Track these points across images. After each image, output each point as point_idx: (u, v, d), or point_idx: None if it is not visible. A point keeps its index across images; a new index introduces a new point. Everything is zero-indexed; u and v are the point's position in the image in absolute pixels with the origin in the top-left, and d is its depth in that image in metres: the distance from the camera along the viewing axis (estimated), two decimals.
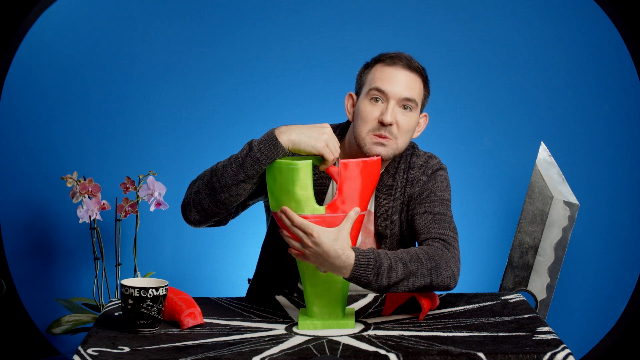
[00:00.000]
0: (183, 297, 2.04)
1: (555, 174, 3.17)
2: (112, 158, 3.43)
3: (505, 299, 2.21)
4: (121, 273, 3.22)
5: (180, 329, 1.99)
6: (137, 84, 3.44)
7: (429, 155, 2.33)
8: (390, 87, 2.17)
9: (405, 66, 2.19)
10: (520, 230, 3.17)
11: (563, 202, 3.15)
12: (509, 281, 3.19)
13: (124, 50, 3.43)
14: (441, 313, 2.10)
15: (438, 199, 2.24)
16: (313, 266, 1.98)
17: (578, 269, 3.53)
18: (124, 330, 1.97)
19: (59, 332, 3.07)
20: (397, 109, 2.18)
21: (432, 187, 2.26)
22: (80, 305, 3.21)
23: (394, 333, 1.94)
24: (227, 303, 2.21)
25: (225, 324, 2.04)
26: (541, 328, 1.96)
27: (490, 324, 2.00)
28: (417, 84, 2.21)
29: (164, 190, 3.11)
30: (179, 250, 3.47)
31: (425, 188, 2.26)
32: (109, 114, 3.43)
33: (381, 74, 2.19)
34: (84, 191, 3.05)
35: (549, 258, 3.16)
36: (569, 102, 3.53)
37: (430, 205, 2.22)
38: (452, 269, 2.06)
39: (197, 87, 3.47)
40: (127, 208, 3.13)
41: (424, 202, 2.24)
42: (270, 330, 1.98)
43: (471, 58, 3.52)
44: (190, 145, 3.47)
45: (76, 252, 3.42)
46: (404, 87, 2.18)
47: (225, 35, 3.47)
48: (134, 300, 1.93)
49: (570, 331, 3.46)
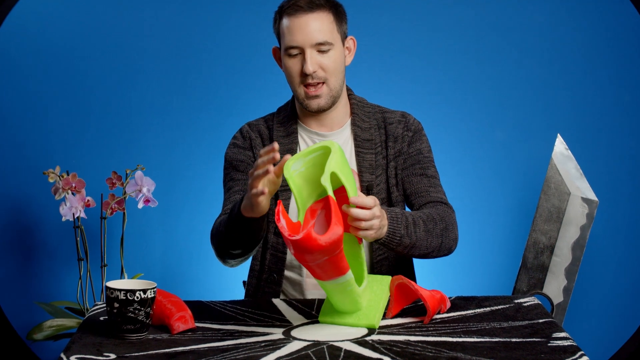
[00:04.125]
0: (173, 300, 2.05)
1: (573, 169, 3.17)
2: (97, 151, 3.43)
3: (518, 302, 2.21)
4: (107, 275, 3.23)
5: (170, 334, 1.99)
6: (125, 72, 3.44)
7: (401, 112, 2.46)
8: (300, 38, 2.29)
9: (307, 10, 2.29)
10: (535, 229, 3.18)
11: (581, 198, 3.15)
12: (523, 283, 3.19)
13: (110, 36, 3.43)
14: (450, 317, 2.10)
15: (428, 159, 2.42)
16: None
17: (597, 271, 3.53)
18: (110, 336, 1.97)
19: (41, 338, 3.07)
20: (315, 55, 2.30)
21: (421, 147, 2.42)
22: (63, 310, 3.21)
23: (399, 338, 1.94)
24: (221, 306, 2.21)
25: (219, 328, 2.04)
26: (557, 334, 1.96)
27: (502, 329, 2.00)
28: (326, 20, 2.30)
29: (153, 186, 3.11)
30: (168, 251, 3.48)
31: (414, 148, 2.41)
32: (94, 103, 3.43)
33: (287, 27, 2.30)
34: (67, 187, 3.05)
35: (566, 259, 3.17)
36: (587, 92, 3.53)
37: (423, 167, 2.40)
38: (455, 232, 2.30)
39: (190, 74, 3.47)
40: (114, 205, 3.13)
41: (417, 163, 2.41)
42: (267, 335, 1.98)
43: (482, 45, 3.52)
44: (182, 138, 3.47)
45: (59, 253, 3.42)
46: (314, 32, 2.29)
47: (220, 18, 3.47)
48: (121, 304, 1.93)
49: (588, 337, 3.46)
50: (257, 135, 2.42)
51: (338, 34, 2.33)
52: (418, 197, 2.37)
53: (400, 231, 2.12)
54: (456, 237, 2.30)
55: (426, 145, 2.44)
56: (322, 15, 2.30)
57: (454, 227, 2.29)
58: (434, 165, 2.43)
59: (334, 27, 2.32)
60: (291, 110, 2.43)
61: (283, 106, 2.48)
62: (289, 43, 2.30)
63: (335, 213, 1.88)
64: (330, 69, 2.31)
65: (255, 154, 2.40)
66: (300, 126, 2.42)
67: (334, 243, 1.85)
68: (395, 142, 2.41)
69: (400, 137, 2.41)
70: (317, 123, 2.41)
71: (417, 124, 2.44)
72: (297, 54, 2.30)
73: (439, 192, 2.38)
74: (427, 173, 2.40)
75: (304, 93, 2.33)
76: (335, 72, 2.32)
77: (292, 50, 2.30)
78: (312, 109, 2.34)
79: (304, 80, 2.31)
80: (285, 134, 2.41)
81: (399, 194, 2.41)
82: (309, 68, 2.28)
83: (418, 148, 2.41)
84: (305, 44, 2.28)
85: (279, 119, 2.44)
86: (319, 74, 2.30)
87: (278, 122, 2.43)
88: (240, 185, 2.37)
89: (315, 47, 2.29)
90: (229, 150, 2.43)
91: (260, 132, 2.43)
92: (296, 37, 2.29)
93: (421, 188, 2.37)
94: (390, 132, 2.41)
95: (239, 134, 2.44)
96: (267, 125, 2.44)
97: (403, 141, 2.41)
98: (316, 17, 2.29)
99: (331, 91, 2.33)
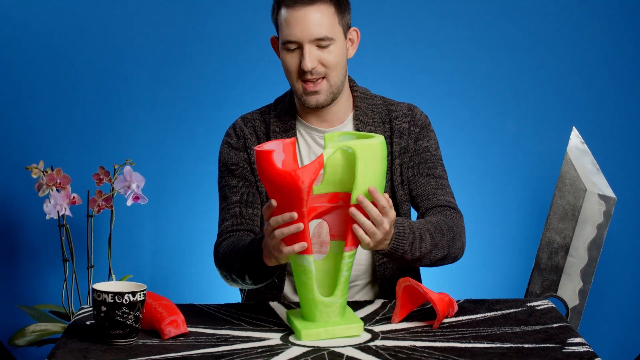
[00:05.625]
0: (164, 303, 2.05)
1: (589, 164, 3.17)
2: (83, 145, 3.43)
3: (531, 305, 2.21)
4: (94, 276, 3.23)
5: (161, 340, 2.00)
6: (112, 60, 3.44)
7: (407, 105, 2.44)
8: (298, 32, 2.26)
9: (307, 2, 2.26)
10: (548, 228, 3.18)
11: (598, 195, 3.15)
12: (536, 286, 3.19)
13: (96, 24, 3.43)
14: (459, 321, 2.10)
15: (436, 157, 2.41)
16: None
17: (615, 272, 3.53)
18: (97, 342, 1.97)
19: (23, 343, 3.08)
20: (314, 50, 2.27)
21: (428, 145, 2.40)
22: (47, 313, 3.21)
23: (404, 344, 1.94)
24: (215, 310, 2.21)
25: (213, 333, 2.04)
26: (573, 339, 1.96)
27: (514, 334, 2.00)
28: (327, 13, 2.28)
29: (142, 182, 3.11)
30: (159, 251, 3.48)
31: (421, 145, 2.40)
32: (80, 94, 3.43)
33: (285, 20, 2.28)
34: (51, 183, 3.05)
35: (582, 259, 3.17)
36: (604, 81, 3.53)
37: (430, 167, 2.39)
38: (462, 239, 2.30)
39: (181, 63, 3.47)
40: (101, 202, 3.13)
41: (424, 162, 2.39)
42: (264, 340, 1.98)
43: (493, 32, 3.52)
44: (174, 131, 3.47)
45: (42, 253, 3.42)
46: (313, 26, 2.26)
47: (213, 4, 3.46)
48: (108, 307, 1.93)
49: (605, 343, 3.46)
50: (252, 132, 2.40)
51: (340, 26, 2.31)
52: (425, 200, 2.36)
53: (404, 247, 2.12)
54: (463, 245, 2.30)
55: (434, 142, 2.42)
56: (322, 7, 2.27)
57: (461, 236, 2.29)
58: (442, 164, 2.42)
59: (335, 19, 2.29)
60: (289, 103, 2.42)
61: (281, 97, 2.46)
62: (286, 37, 2.28)
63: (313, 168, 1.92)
64: (330, 64, 2.28)
65: (250, 155, 2.38)
66: (299, 121, 2.40)
67: (290, 176, 1.91)
68: (401, 138, 2.39)
69: (406, 132, 2.40)
70: (317, 118, 2.39)
71: (424, 118, 2.43)
72: (295, 48, 2.28)
73: (447, 194, 2.37)
74: (434, 173, 2.38)
75: (302, 89, 2.31)
76: (336, 67, 2.30)
77: (290, 44, 2.28)
78: (311, 106, 2.32)
79: (303, 76, 2.29)
80: (282, 130, 2.39)
81: (403, 193, 2.40)
82: (308, 65, 2.26)
83: (425, 145, 2.40)
84: (304, 39, 2.26)
85: (277, 112, 2.42)
86: (318, 69, 2.28)
87: (275, 115, 2.41)
88: (238, 196, 2.36)
89: (315, 42, 2.26)
90: (223, 150, 2.41)
91: (255, 127, 2.41)
92: (294, 31, 2.26)
93: (428, 190, 2.36)
94: (396, 127, 2.40)
95: (232, 131, 2.42)
96: (264, 119, 2.42)
97: (409, 137, 2.40)
98: (316, 10, 2.26)
99: (331, 87, 2.31)
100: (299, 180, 1.91)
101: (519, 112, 3.54)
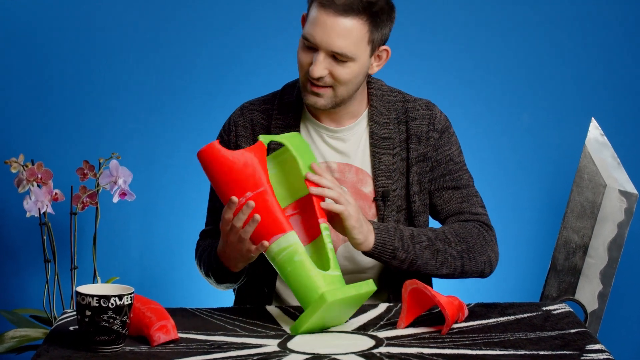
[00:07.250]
0: (153, 307, 2.05)
1: (609, 157, 3.17)
2: (66, 138, 3.43)
3: (547, 309, 2.21)
4: (77, 279, 3.23)
5: (150, 346, 2.00)
6: (97, 47, 3.44)
7: (425, 103, 2.40)
8: (318, 37, 2.21)
9: (340, 11, 2.19)
10: (566, 227, 3.18)
11: (618, 191, 3.15)
12: (553, 288, 3.19)
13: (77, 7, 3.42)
14: (469, 326, 2.10)
15: (459, 166, 2.39)
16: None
17: (637, 273, 3.53)
18: (81, 348, 1.97)
19: (2, 350, 3.08)
20: (328, 60, 2.22)
21: (451, 152, 2.38)
22: (27, 318, 3.21)
23: (411, 351, 1.94)
24: (207, 314, 2.21)
25: (205, 339, 2.04)
26: (591, 345, 1.96)
27: (529, 341, 2.00)
28: (356, 30, 2.21)
29: (129, 177, 3.11)
30: (147, 251, 3.48)
31: (443, 154, 2.37)
32: (62, 85, 3.43)
33: (313, 18, 2.22)
34: (32, 178, 3.05)
35: (601, 260, 3.17)
36: (625, 70, 3.53)
37: (455, 178, 2.37)
38: (489, 253, 2.30)
39: (171, 51, 3.47)
40: (85, 199, 3.13)
41: (447, 173, 2.37)
42: (260, 347, 1.98)
43: (507, 17, 3.52)
44: (162, 122, 3.47)
45: (22, 253, 3.42)
46: (336, 38, 2.20)
47: None
48: (93, 312, 1.93)
49: (626, 349, 3.47)
50: (247, 125, 2.33)
51: (368, 44, 2.24)
52: (449, 214, 2.37)
53: (394, 244, 2.16)
54: (489, 259, 2.30)
55: (456, 147, 2.39)
56: (354, 22, 2.20)
57: (483, 249, 2.29)
58: (466, 170, 2.40)
59: (365, 37, 2.22)
60: (297, 96, 2.37)
61: (289, 86, 2.41)
62: (306, 32, 2.22)
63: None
64: (341, 80, 2.23)
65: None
66: (308, 118, 2.36)
67: (242, 155, 2.05)
68: (419, 143, 2.35)
69: (424, 137, 2.35)
70: (327, 117, 2.34)
71: (444, 120, 2.38)
72: (311, 47, 2.23)
73: (473, 204, 2.36)
74: (459, 184, 2.37)
75: (305, 85, 2.26)
76: (346, 84, 2.25)
77: (307, 41, 2.22)
78: (307, 104, 2.28)
79: (309, 76, 2.24)
80: (285, 125, 2.35)
81: (421, 203, 2.36)
82: (315, 73, 2.21)
83: (447, 154, 2.36)
84: (322, 46, 2.20)
85: (282, 103, 2.37)
86: (326, 79, 2.23)
87: (279, 107, 2.37)
88: None
89: (331, 53, 2.21)
90: None
91: (253, 120, 2.37)
92: (315, 33, 2.20)
93: (452, 205, 2.36)
94: (413, 131, 2.35)
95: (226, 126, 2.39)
96: (266, 109, 2.38)
97: (428, 144, 2.35)
98: (346, 23, 2.19)
99: (336, 97, 2.26)
100: (254, 153, 2.07)
101: (533, 102, 3.54)
